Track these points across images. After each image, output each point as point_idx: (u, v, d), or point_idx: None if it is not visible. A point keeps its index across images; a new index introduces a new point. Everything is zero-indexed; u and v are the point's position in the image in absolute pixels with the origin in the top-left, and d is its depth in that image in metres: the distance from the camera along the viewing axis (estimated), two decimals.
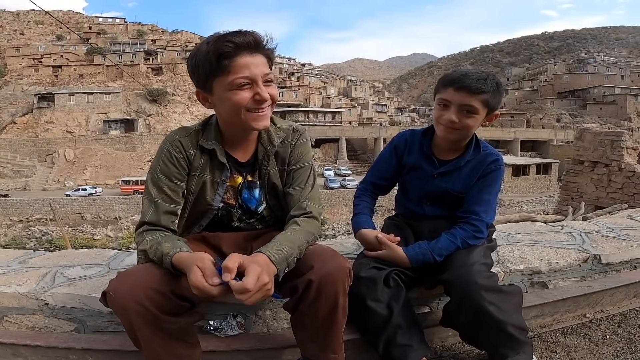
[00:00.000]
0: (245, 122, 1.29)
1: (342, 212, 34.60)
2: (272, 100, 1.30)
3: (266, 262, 1.12)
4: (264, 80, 1.26)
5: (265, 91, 1.26)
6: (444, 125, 1.52)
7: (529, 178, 39.39)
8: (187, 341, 1.25)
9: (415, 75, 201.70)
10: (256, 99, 1.25)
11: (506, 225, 2.51)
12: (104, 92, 53.89)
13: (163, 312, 1.15)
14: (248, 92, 1.24)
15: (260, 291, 1.06)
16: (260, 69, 1.24)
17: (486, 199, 1.59)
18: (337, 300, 1.21)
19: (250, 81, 1.24)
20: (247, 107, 1.26)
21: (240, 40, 1.21)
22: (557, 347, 1.68)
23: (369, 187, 1.78)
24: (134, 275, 1.19)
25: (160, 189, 1.34)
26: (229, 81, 1.23)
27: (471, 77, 1.47)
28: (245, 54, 1.22)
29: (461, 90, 1.47)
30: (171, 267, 1.19)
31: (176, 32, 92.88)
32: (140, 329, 1.15)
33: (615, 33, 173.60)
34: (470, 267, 1.42)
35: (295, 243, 1.23)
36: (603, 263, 1.98)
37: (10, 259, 1.95)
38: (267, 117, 1.30)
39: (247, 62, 1.22)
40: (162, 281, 1.18)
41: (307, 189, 1.43)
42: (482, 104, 1.48)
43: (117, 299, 1.13)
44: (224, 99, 1.26)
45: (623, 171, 8.53)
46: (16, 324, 1.57)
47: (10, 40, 76.38)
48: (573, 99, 74.02)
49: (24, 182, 40.93)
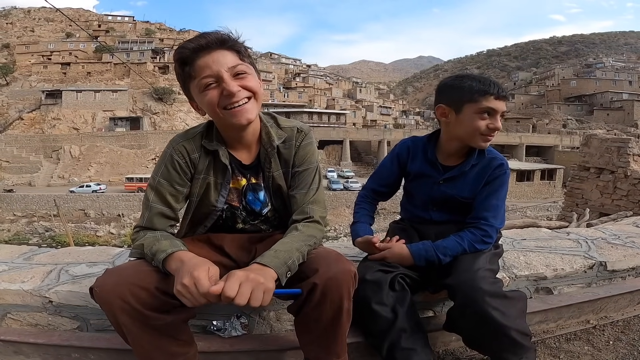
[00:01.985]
0: (226, 120, 1.28)
1: (345, 214, 34.55)
2: (250, 91, 1.26)
3: (258, 267, 1.12)
4: (233, 74, 1.24)
5: (233, 84, 1.22)
6: (487, 134, 1.54)
7: (533, 183, 39.19)
8: (178, 339, 1.24)
9: (421, 78, 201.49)
10: (224, 94, 1.23)
11: (512, 231, 2.50)
12: (110, 89, 54.16)
13: (148, 308, 1.14)
14: (216, 90, 1.23)
15: (256, 288, 1.05)
16: (223, 64, 1.22)
17: (494, 204, 1.58)
18: (341, 304, 1.20)
19: (215, 79, 1.23)
20: (221, 105, 1.25)
21: (194, 44, 1.22)
22: (560, 353, 1.67)
23: (369, 193, 1.80)
24: (120, 271, 1.20)
25: (159, 194, 1.35)
26: (196, 84, 1.25)
27: (498, 84, 1.52)
28: (204, 55, 1.22)
29: (502, 99, 1.52)
30: (161, 265, 1.19)
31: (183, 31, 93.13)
32: (126, 325, 1.15)
33: (625, 38, 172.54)
34: (475, 273, 1.42)
35: (293, 247, 1.22)
36: (609, 270, 1.97)
37: (15, 255, 1.96)
38: (247, 110, 1.26)
39: (207, 61, 1.22)
40: (148, 278, 1.18)
41: (310, 192, 1.42)
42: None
43: (102, 294, 1.14)
44: (200, 102, 1.28)
45: (629, 178, 8.46)
46: (19, 321, 1.57)
47: (20, 37, 76.99)
48: (580, 105, 73.61)
49: (29, 178, 41.16)
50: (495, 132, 1.53)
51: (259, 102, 1.31)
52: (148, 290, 1.15)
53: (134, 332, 1.16)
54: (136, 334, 1.16)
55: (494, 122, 1.52)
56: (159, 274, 1.21)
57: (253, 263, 1.15)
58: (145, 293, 1.15)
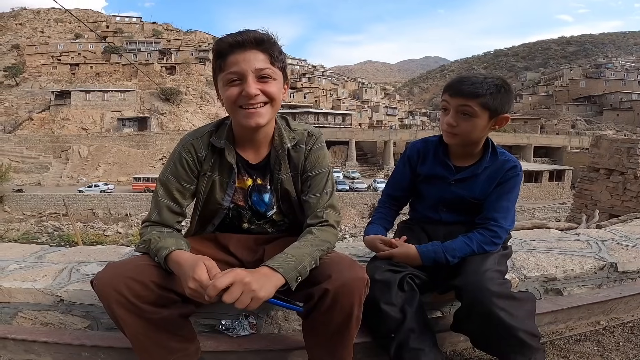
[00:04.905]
0: (239, 119, 1.29)
1: (350, 215, 34.51)
2: (268, 97, 1.28)
3: (265, 271, 1.12)
4: (258, 76, 1.25)
5: (253, 87, 1.24)
6: (444, 129, 1.56)
7: (541, 185, 38.88)
8: (177, 334, 1.25)
9: (427, 78, 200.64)
10: (243, 94, 1.25)
11: (521, 232, 2.49)
12: (119, 90, 54.67)
13: (144, 302, 1.16)
14: (238, 87, 1.25)
15: (245, 292, 1.05)
16: (252, 64, 1.24)
17: (505, 205, 1.57)
18: (351, 311, 1.19)
19: (239, 77, 1.24)
20: (238, 104, 1.27)
21: (232, 40, 1.25)
22: (569, 354, 1.66)
23: (386, 199, 1.82)
24: (119, 265, 1.23)
25: (167, 190, 1.38)
26: (222, 77, 1.28)
27: (466, 81, 1.49)
28: (238, 52, 1.24)
29: (456, 96, 1.50)
30: (163, 261, 1.21)
31: (190, 32, 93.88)
32: (123, 318, 1.17)
33: (634, 38, 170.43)
34: (482, 274, 1.41)
35: (305, 252, 1.22)
36: (619, 271, 1.96)
37: (27, 254, 1.98)
38: (259, 114, 1.27)
39: (237, 58, 1.24)
40: (145, 272, 1.20)
41: (324, 196, 1.42)
42: (480, 106, 1.48)
43: (99, 287, 1.17)
44: (222, 95, 1.30)
45: (639, 179, 8.37)
46: (30, 319, 1.59)
47: (30, 38, 77.92)
48: (589, 105, 72.88)
49: (38, 178, 41.59)
50: (450, 128, 1.53)
51: (275, 109, 1.32)
52: (144, 284, 1.17)
53: (131, 325, 1.18)
54: (133, 327, 1.18)
55: (447, 117, 1.53)
56: (158, 269, 1.23)
57: (262, 266, 1.15)
58: (141, 286, 1.17)
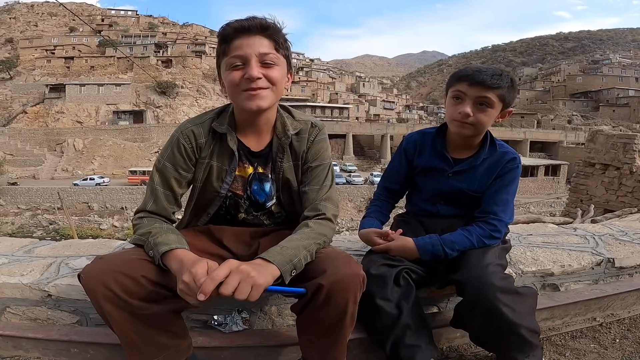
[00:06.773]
0: (240, 102, 1.29)
1: (347, 208, 34.54)
2: (270, 82, 1.27)
3: (259, 262, 1.09)
4: (261, 61, 1.26)
5: (256, 70, 1.24)
6: (458, 119, 1.49)
7: (537, 179, 39.09)
8: (168, 330, 1.21)
9: (425, 73, 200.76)
10: (245, 77, 1.24)
11: (517, 226, 2.46)
12: (114, 83, 54.32)
13: (134, 297, 1.12)
14: (240, 71, 1.26)
15: (244, 281, 1.01)
16: (255, 49, 1.24)
17: (504, 198, 1.55)
18: (346, 308, 1.15)
19: (243, 61, 1.25)
20: (240, 87, 1.26)
21: (237, 25, 1.26)
22: (565, 351, 1.65)
23: (382, 192, 1.78)
24: (107, 259, 1.17)
25: (163, 178, 1.34)
26: (225, 61, 1.28)
27: (485, 72, 1.45)
28: (243, 37, 1.25)
29: (476, 85, 1.45)
30: (159, 256, 1.16)
31: (186, 25, 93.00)
32: (111, 314, 1.12)
33: (632, 35, 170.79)
34: (485, 268, 1.39)
35: (300, 245, 1.19)
36: (616, 266, 1.94)
37: (15, 248, 1.94)
38: (260, 97, 1.27)
39: (242, 43, 1.25)
40: (135, 266, 1.15)
41: (324, 188, 1.40)
42: (498, 98, 1.46)
43: (87, 281, 1.12)
44: (225, 80, 1.29)
45: (634, 175, 8.38)
46: (18, 315, 1.55)
47: (23, 32, 76.93)
48: (585, 101, 73.22)
49: (33, 171, 41.34)
50: (465, 118, 1.47)
51: (277, 94, 1.32)
52: (134, 279, 1.12)
53: (119, 321, 1.13)
54: (122, 323, 1.13)
55: (462, 106, 1.47)
56: (150, 263, 1.18)
57: (257, 257, 1.12)
58: (131, 281, 1.12)
